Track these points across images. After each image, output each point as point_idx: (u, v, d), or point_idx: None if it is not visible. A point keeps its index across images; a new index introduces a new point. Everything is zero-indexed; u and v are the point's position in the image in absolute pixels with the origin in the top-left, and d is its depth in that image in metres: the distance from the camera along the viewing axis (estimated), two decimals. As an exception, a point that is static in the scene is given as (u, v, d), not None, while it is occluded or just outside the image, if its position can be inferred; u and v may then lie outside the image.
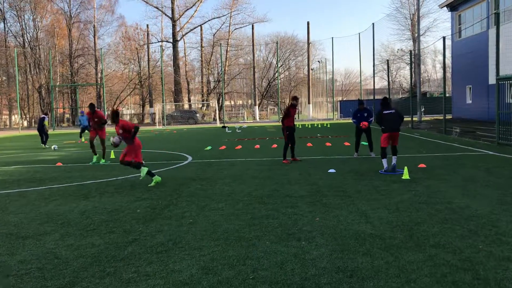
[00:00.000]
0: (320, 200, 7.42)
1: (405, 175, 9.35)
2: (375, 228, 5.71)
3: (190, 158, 14.20)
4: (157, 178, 9.47)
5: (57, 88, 54.55)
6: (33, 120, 55.44)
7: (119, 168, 12.26)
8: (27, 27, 57.54)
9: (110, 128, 20.56)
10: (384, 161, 10.38)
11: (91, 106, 13.92)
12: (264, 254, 4.86)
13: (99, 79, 53.68)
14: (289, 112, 12.56)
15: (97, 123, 13.78)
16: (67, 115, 61.79)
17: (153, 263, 4.71)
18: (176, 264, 4.65)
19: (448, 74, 41.46)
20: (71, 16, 58.38)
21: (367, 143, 13.77)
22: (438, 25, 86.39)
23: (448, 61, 38.25)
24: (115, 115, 9.47)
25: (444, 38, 20.98)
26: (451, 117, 34.38)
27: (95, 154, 13.88)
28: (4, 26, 56.96)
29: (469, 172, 9.83)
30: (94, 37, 58.98)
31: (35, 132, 22.34)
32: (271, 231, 5.71)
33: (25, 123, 54.70)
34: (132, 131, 9.52)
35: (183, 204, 7.49)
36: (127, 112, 71.07)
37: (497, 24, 15.55)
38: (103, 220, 6.57)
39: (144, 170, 9.43)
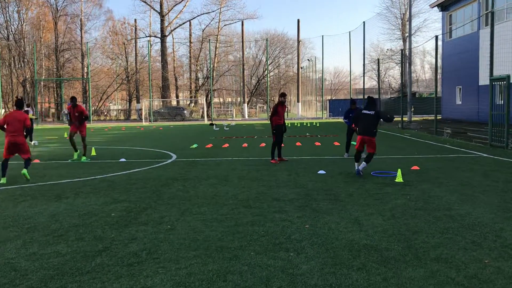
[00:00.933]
0: (309, 205, 6.93)
1: (398, 178, 8.91)
2: (370, 238, 5.24)
3: (174, 157, 13.63)
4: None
5: (42, 82, 53.42)
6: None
7: (99, 166, 11.67)
8: (12, 19, 56.27)
9: (97, 124, 19.92)
10: (356, 165, 9.80)
11: (73, 99, 13.28)
12: (248, 267, 4.35)
13: (85, 74, 52.70)
14: (277, 110, 12.03)
15: (78, 118, 13.14)
16: (52, 110, 60.65)
17: (122, 277, 4.17)
18: (148, 279, 4.12)
19: (438, 75, 41.28)
20: (57, 9, 57.18)
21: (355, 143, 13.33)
22: (429, 25, 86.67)
23: (439, 61, 38.05)
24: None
25: (436, 37, 20.65)
26: (440, 117, 34.17)
27: (76, 151, 13.26)
28: (-12, 18, 55.60)
29: (465, 176, 9.42)
30: (81, 31, 57.89)
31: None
32: (257, 240, 5.20)
33: (9, 118, 53.42)
34: None
35: (162, 207, 6.95)
36: (114, 107, 70.08)
37: (492, 23, 15.20)
38: (73, 225, 6.01)
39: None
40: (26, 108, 21.26)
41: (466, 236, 5.26)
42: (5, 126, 9.60)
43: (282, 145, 12.54)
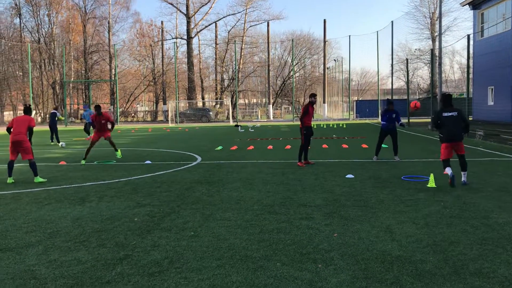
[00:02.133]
0: (338, 211, 6.65)
1: (431, 183, 8.52)
2: (403, 248, 4.94)
3: (199, 159, 13.51)
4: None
5: (70, 84, 54.38)
6: (46, 116, 55.37)
7: (124, 169, 11.63)
8: (42, 23, 57.50)
9: (124, 125, 20.04)
10: (448, 170, 8.57)
11: (97, 107, 13.51)
12: (273, 280, 4.12)
13: (112, 76, 53.39)
14: (308, 110, 11.78)
15: (105, 126, 13.40)
16: (81, 111, 61.69)
17: (143, 288, 4.00)
18: (169, 291, 3.94)
19: (470, 74, 40.19)
20: (86, 12, 58.18)
21: (386, 146, 12.93)
22: (459, 24, 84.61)
23: (470, 61, 37.03)
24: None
25: (468, 36, 19.99)
26: (471, 118, 33.23)
27: (116, 150, 13.83)
28: (20, 21, 56.97)
29: (501, 181, 8.96)
30: (109, 33, 58.76)
31: (48, 128, 21.87)
32: (283, 249, 4.97)
33: (39, 119, 54.61)
34: None
35: (186, 212, 6.78)
36: (141, 109, 70.86)
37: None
38: (95, 230, 5.89)
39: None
40: (53, 110, 21.58)
41: (507, 247, 4.91)
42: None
43: (309, 147, 12.26)
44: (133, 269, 4.47)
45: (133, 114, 62.44)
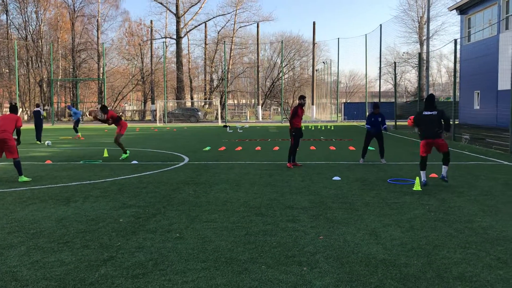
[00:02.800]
0: (324, 214, 6.67)
1: (417, 186, 8.59)
2: (388, 252, 4.96)
3: (186, 159, 13.46)
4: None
5: (58, 82, 53.86)
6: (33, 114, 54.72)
7: (110, 169, 11.55)
8: (30, 20, 56.89)
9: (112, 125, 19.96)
10: (422, 174, 9.01)
11: (103, 108, 14.06)
12: (258, 283, 4.12)
13: (101, 74, 52.99)
14: (297, 112, 11.85)
15: (114, 122, 13.90)
16: (68, 110, 61.08)
17: (126, 290, 3.97)
18: (152, 293, 3.91)
19: (457, 79, 40.62)
20: (74, 9, 57.69)
21: (373, 148, 13.00)
22: (446, 29, 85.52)
23: (457, 65, 37.40)
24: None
25: (455, 40, 20.20)
26: (457, 122, 33.57)
27: (125, 152, 13.87)
28: (7, 18, 56.30)
29: (486, 185, 9.06)
30: (98, 31, 58.28)
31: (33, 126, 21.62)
32: (268, 252, 4.96)
33: (25, 117, 53.99)
34: None
35: (172, 213, 6.75)
36: (129, 108, 70.41)
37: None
38: (80, 231, 5.83)
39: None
40: (36, 108, 21.36)
41: (490, 251, 4.96)
42: None
43: (298, 149, 12.29)
44: (117, 270, 4.44)
45: (121, 113, 62.05)
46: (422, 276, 4.28)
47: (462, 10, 35.22)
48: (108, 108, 14.24)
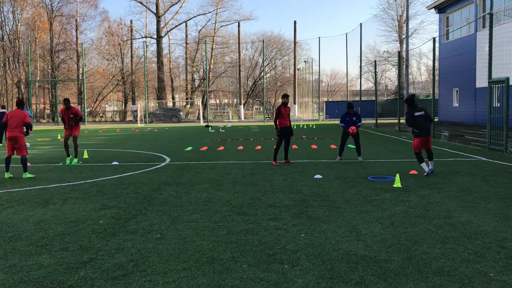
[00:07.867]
0: (305, 212, 6.69)
1: (397, 183, 8.69)
2: (368, 248, 5.00)
3: (168, 160, 13.37)
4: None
5: (36, 83, 53.00)
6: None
7: (90, 170, 11.41)
8: (6, 20, 55.81)
9: (92, 126, 19.68)
10: (423, 165, 10.12)
11: (66, 101, 12.95)
12: (239, 282, 4.11)
13: (80, 75, 52.31)
14: (281, 111, 11.88)
15: (73, 120, 12.82)
16: (47, 111, 60.16)
17: (106, 292, 3.92)
18: (133, 295, 3.87)
19: (436, 76, 41.19)
20: (52, 9, 56.78)
21: (353, 146, 13.12)
22: (425, 27, 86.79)
23: (436, 63, 37.96)
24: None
25: (434, 39, 20.47)
26: (437, 119, 34.06)
27: (68, 156, 12.95)
28: (-17, 18, 55.12)
29: (464, 181, 9.20)
30: (77, 31, 57.54)
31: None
32: (250, 251, 4.96)
33: (3, 119, 52.88)
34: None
35: (153, 214, 6.70)
36: (109, 109, 69.69)
37: (490, 25, 15.02)
38: (58, 233, 5.75)
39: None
40: (1, 110, 20.93)
41: (468, 246, 5.04)
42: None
43: (288, 147, 12.31)
44: (96, 272, 4.38)
45: (101, 114, 61.36)
46: (402, 271, 4.32)
47: (440, 8, 35.75)
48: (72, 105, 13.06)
